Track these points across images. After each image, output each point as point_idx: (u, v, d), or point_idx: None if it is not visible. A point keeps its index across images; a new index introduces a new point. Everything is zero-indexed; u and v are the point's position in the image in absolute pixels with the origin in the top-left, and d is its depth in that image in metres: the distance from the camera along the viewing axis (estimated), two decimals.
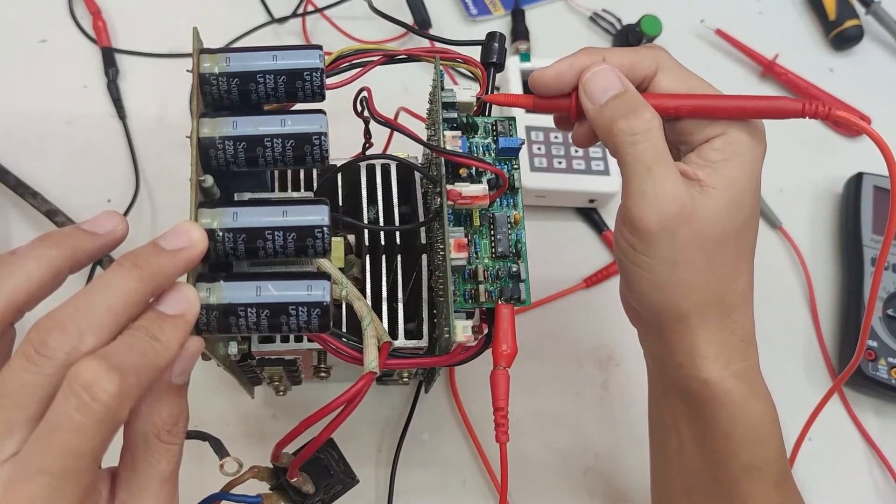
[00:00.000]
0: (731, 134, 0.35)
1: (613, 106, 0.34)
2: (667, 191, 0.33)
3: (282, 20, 0.68)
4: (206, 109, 0.33)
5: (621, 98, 0.34)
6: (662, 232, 0.33)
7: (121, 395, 0.24)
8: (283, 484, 0.36)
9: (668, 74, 0.35)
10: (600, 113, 0.35)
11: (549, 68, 0.36)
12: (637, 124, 0.34)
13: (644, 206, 0.33)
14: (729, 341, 0.36)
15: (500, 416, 0.35)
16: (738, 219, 0.35)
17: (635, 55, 0.35)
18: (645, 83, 0.36)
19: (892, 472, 0.57)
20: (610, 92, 0.35)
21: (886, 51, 0.78)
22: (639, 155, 0.34)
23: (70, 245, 0.28)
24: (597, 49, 0.36)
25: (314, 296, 0.30)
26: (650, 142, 0.34)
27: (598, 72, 0.35)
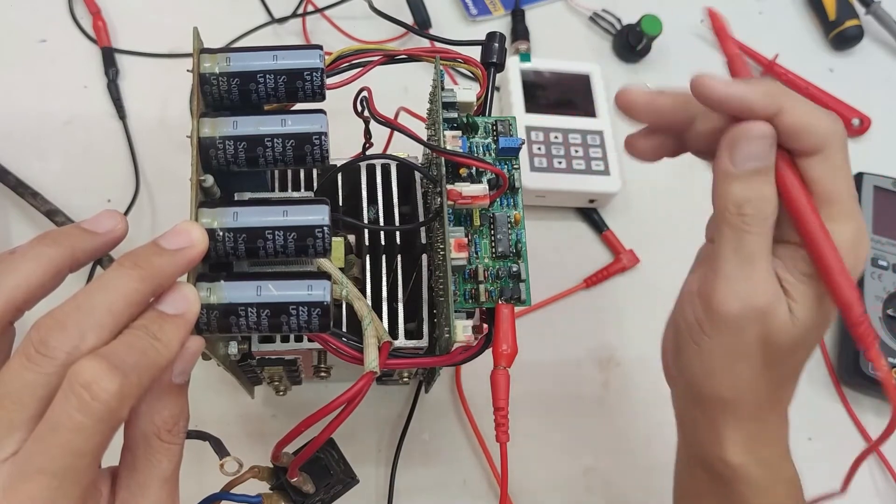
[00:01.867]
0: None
1: (747, 180, 0.31)
2: (758, 286, 0.31)
3: (282, 20, 0.68)
4: (207, 109, 0.33)
5: (759, 176, 0.31)
6: (737, 322, 0.32)
7: (121, 394, 0.24)
8: (283, 484, 0.36)
9: (825, 163, 0.31)
10: (731, 180, 0.32)
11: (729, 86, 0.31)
12: (758, 211, 0.31)
13: (730, 291, 0.32)
14: (758, 434, 0.35)
15: (500, 416, 0.35)
16: (809, 339, 0.33)
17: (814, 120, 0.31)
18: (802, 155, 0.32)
19: (892, 472, 0.57)
20: (753, 163, 0.31)
21: (886, 51, 0.78)
22: (745, 243, 0.32)
23: (69, 244, 0.28)
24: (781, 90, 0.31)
25: (314, 296, 0.30)
26: (762, 235, 0.32)
27: (757, 135, 0.31)
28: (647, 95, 0.34)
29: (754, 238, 0.31)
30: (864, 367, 0.58)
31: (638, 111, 0.35)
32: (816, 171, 0.31)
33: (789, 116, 0.30)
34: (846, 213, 0.32)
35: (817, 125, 0.31)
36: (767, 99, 0.30)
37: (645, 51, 0.71)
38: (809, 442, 0.58)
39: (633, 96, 0.35)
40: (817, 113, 0.31)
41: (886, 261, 0.62)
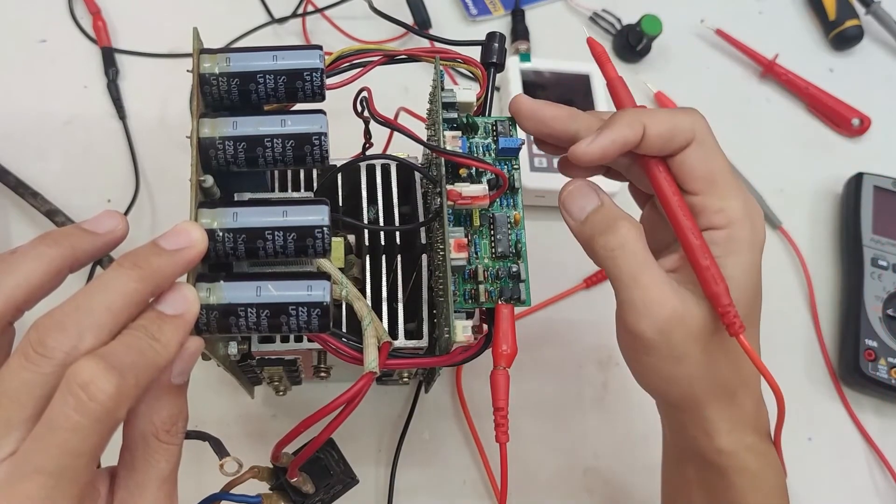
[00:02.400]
0: (734, 230, 0.35)
1: (591, 222, 0.36)
2: (654, 298, 0.34)
3: (282, 20, 0.68)
4: (206, 109, 0.33)
5: (598, 213, 0.36)
6: (657, 336, 0.34)
7: (119, 394, 0.24)
8: (283, 484, 0.36)
9: (697, 150, 0.35)
10: (581, 229, 0.36)
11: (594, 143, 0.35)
12: (613, 240, 0.34)
13: (635, 315, 0.34)
14: (740, 416, 0.37)
15: (499, 416, 0.35)
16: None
17: (675, 122, 0.35)
18: (677, 153, 0.35)
19: (892, 472, 0.57)
20: (588, 208, 0.36)
21: (886, 51, 0.78)
22: (621, 268, 0.34)
23: (70, 244, 0.28)
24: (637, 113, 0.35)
25: (314, 296, 0.30)
26: (629, 254, 0.34)
27: (575, 189, 0.36)
28: (533, 104, 0.37)
29: (623, 262, 0.34)
30: (864, 367, 0.58)
31: (523, 118, 0.37)
32: (692, 158, 0.35)
33: (654, 128, 0.34)
34: (729, 189, 0.35)
35: (679, 123, 0.35)
36: (633, 126, 0.34)
37: (645, 51, 0.71)
38: (809, 442, 0.58)
39: (519, 103, 0.37)
40: (676, 114, 0.35)
41: (886, 261, 0.62)
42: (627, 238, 0.34)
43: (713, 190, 0.35)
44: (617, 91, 0.37)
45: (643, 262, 0.34)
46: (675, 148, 0.35)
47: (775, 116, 0.73)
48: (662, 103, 0.70)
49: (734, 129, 0.70)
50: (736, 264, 0.35)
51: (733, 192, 0.35)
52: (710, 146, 0.35)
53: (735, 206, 0.35)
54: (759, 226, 0.36)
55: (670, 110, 0.36)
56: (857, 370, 0.58)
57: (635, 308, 0.34)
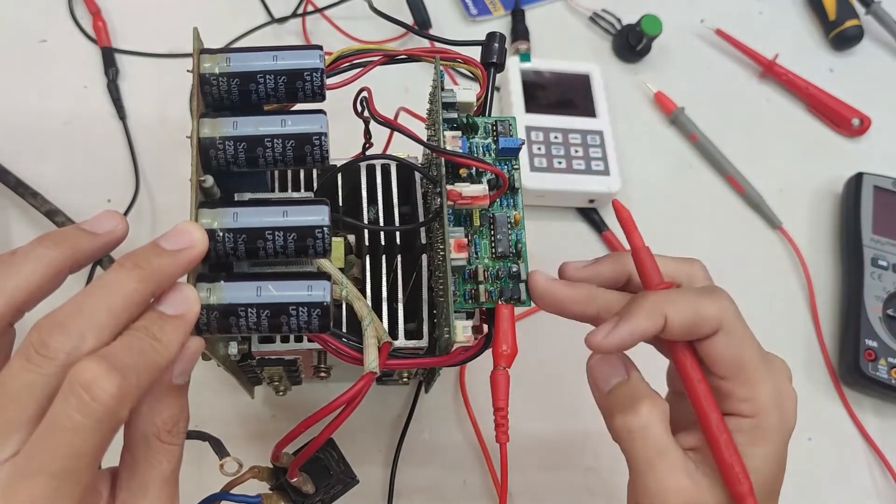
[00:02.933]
0: (761, 419, 0.34)
1: (614, 397, 0.35)
2: (669, 487, 0.33)
3: (282, 20, 0.68)
4: (207, 109, 0.33)
5: (623, 388, 0.35)
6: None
7: (121, 395, 0.24)
8: (283, 484, 0.36)
9: (724, 338, 0.33)
10: (603, 401, 0.36)
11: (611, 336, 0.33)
12: (634, 421, 0.33)
13: (648, 501, 0.33)
14: None
15: (500, 417, 0.35)
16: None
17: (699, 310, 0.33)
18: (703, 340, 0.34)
19: (892, 472, 0.57)
20: (613, 381, 0.35)
21: (886, 51, 0.78)
22: (637, 452, 0.33)
23: (70, 245, 0.28)
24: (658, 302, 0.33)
25: (314, 296, 0.30)
26: (649, 439, 0.33)
27: (602, 360, 0.36)
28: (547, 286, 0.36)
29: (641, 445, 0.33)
30: (864, 367, 0.58)
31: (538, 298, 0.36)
32: (720, 347, 0.33)
33: (677, 318, 0.33)
34: (759, 376, 0.34)
35: (704, 311, 0.33)
36: (653, 318, 0.33)
37: (645, 51, 0.71)
38: (809, 442, 0.58)
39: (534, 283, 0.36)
40: (702, 299, 0.33)
41: (886, 261, 0.62)
42: (649, 421, 0.33)
43: (741, 377, 0.34)
44: (643, 264, 0.35)
45: (662, 449, 0.33)
46: (700, 335, 0.34)
47: (775, 116, 0.73)
48: (662, 103, 0.70)
49: (734, 129, 0.70)
50: (761, 455, 0.33)
51: (762, 380, 0.34)
52: (738, 333, 0.34)
53: (764, 394, 0.34)
54: (790, 411, 0.35)
55: (696, 294, 0.34)
56: (857, 370, 0.58)
57: (648, 492, 0.33)
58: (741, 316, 0.34)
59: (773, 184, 0.68)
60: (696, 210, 0.66)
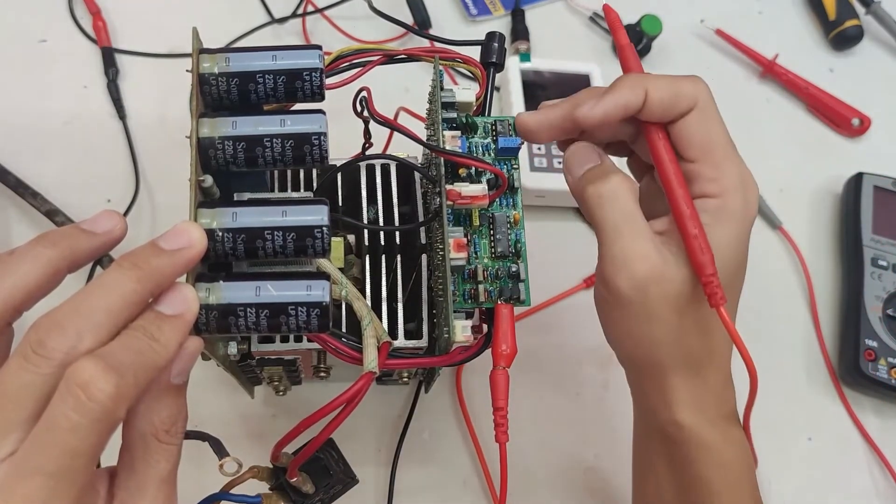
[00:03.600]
0: (726, 199, 0.35)
1: (587, 176, 0.36)
2: (635, 253, 0.34)
3: (282, 20, 0.68)
4: (206, 109, 0.33)
5: (596, 168, 0.36)
6: (632, 291, 0.34)
7: (118, 394, 0.24)
8: (282, 484, 0.36)
9: (697, 116, 0.35)
10: (576, 183, 0.37)
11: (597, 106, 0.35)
12: (603, 188, 0.35)
13: (613, 268, 0.34)
14: (702, 390, 0.37)
15: (499, 416, 0.35)
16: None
17: (677, 88, 0.35)
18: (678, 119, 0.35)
19: (892, 472, 0.57)
20: (587, 165, 0.36)
21: (886, 51, 0.78)
22: (606, 217, 0.35)
23: (68, 244, 0.28)
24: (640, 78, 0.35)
25: (314, 296, 0.30)
26: (617, 204, 0.35)
27: (578, 149, 0.37)
28: (538, 116, 0.37)
29: (610, 210, 0.35)
30: (864, 367, 0.58)
31: (534, 132, 0.37)
32: (691, 124, 0.35)
33: (656, 92, 0.35)
34: (725, 158, 0.35)
35: (682, 89, 0.35)
36: (635, 90, 0.35)
37: (645, 51, 0.71)
38: (809, 442, 0.58)
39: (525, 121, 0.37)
40: (679, 79, 0.35)
41: (886, 261, 0.62)
42: (618, 189, 0.35)
43: (709, 158, 0.35)
44: (626, 57, 0.37)
45: (629, 215, 0.35)
46: (677, 114, 0.35)
47: (775, 116, 0.73)
48: None
49: (734, 129, 0.70)
50: (724, 235, 0.35)
51: (729, 162, 0.35)
52: (710, 113, 0.35)
53: (730, 175, 0.35)
54: (752, 198, 0.36)
55: (673, 76, 0.36)
56: (857, 370, 0.58)
57: (615, 260, 0.34)
58: (715, 101, 0.36)
59: (773, 184, 0.68)
60: None
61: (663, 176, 0.35)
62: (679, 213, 0.34)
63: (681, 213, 0.34)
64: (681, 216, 0.34)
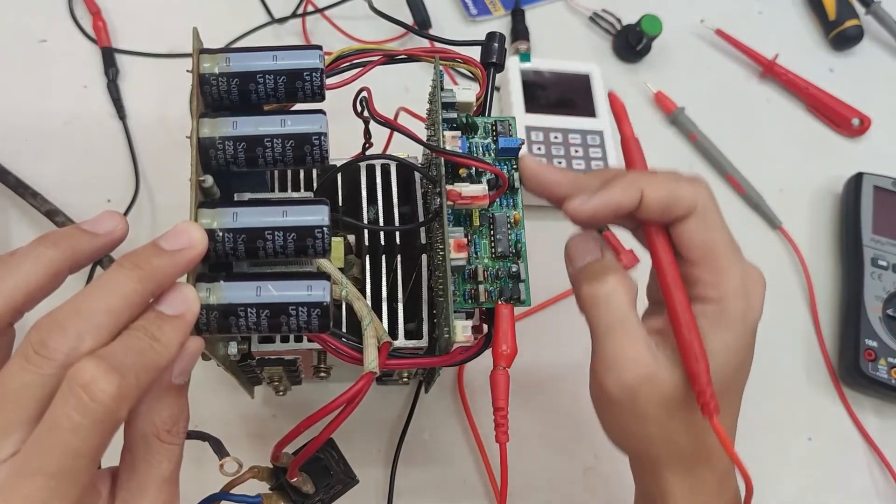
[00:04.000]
0: (726, 304, 0.34)
1: (586, 270, 0.36)
2: (625, 356, 0.34)
3: (282, 20, 0.68)
4: (206, 109, 0.33)
5: (595, 264, 0.36)
6: (622, 393, 0.34)
7: (119, 395, 0.24)
8: (283, 484, 0.36)
9: (697, 222, 0.34)
10: (574, 275, 0.36)
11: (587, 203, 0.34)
12: (599, 288, 0.35)
13: (603, 368, 0.34)
14: (698, 487, 0.36)
15: (500, 416, 0.35)
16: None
17: (675, 191, 0.34)
18: (677, 222, 0.35)
19: (892, 472, 0.57)
20: (588, 257, 0.36)
21: (886, 51, 0.78)
22: (599, 319, 0.34)
23: (69, 245, 0.28)
24: (637, 178, 0.34)
25: (314, 296, 0.30)
26: (610, 307, 0.34)
27: (581, 239, 0.37)
28: (536, 167, 0.37)
29: (603, 313, 0.34)
30: (864, 367, 0.58)
31: (526, 178, 0.37)
32: (692, 230, 0.34)
33: (652, 195, 0.34)
34: (727, 262, 0.34)
35: (680, 192, 0.34)
36: (629, 191, 0.34)
37: (645, 51, 0.71)
38: (809, 442, 0.58)
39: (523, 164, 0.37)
40: (679, 181, 0.34)
41: (886, 261, 0.62)
42: (613, 293, 0.34)
43: (710, 263, 0.34)
44: (630, 151, 0.37)
45: (623, 317, 0.34)
46: (674, 217, 0.34)
47: (775, 116, 0.73)
48: (662, 103, 0.70)
49: (734, 129, 0.70)
50: (721, 339, 0.34)
51: (731, 267, 0.34)
52: (711, 219, 0.34)
53: (731, 280, 0.34)
54: (756, 301, 0.35)
55: (673, 176, 0.35)
56: (857, 370, 0.58)
57: (605, 362, 0.34)
58: (717, 204, 0.35)
59: (773, 184, 0.68)
60: None
61: (661, 279, 0.35)
62: (675, 320, 0.34)
63: (677, 319, 0.34)
64: (677, 322, 0.34)
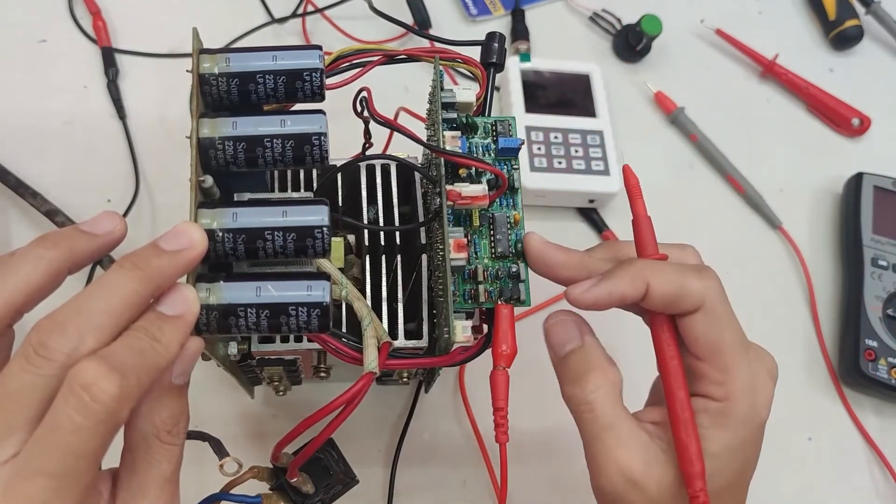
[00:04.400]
0: (730, 405, 0.33)
1: (566, 364, 0.35)
2: (614, 462, 0.33)
3: (282, 20, 0.68)
4: (206, 110, 0.33)
5: (575, 356, 0.35)
6: (613, 496, 0.33)
7: (120, 395, 0.24)
8: (283, 484, 0.36)
9: (704, 318, 0.33)
10: (557, 367, 0.36)
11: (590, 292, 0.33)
12: (580, 394, 0.34)
13: (595, 470, 0.34)
14: None
15: (499, 417, 0.35)
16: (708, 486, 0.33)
17: (682, 285, 0.33)
18: (684, 316, 0.33)
19: (892, 472, 0.57)
20: (568, 346, 0.35)
21: (886, 51, 0.78)
22: (585, 425, 0.34)
23: (68, 246, 0.28)
24: (644, 269, 0.33)
25: (314, 296, 0.30)
26: (595, 412, 0.34)
27: (559, 322, 0.36)
28: (541, 247, 0.36)
29: (589, 418, 0.34)
30: (864, 367, 0.58)
31: (531, 259, 0.36)
32: (699, 326, 0.33)
33: (658, 288, 0.33)
34: (735, 363, 0.33)
35: (688, 286, 0.33)
36: (635, 283, 0.33)
37: (645, 51, 0.71)
38: (809, 442, 0.58)
39: (528, 244, 0.36)
40: (687, 275, 0.33)
41: (886, 261, 0.62)
42: (595, 395, 0.34)
43: (716, 361, 0.33)
44: (641, 232, 0.35)
45: (609, 422, 0.33)
46: (681, 311, 0.33)
47: (775, 116, 0.73)
48: (662, 103, 0.70)
49: (734, 129, 0.70)
50: (721, 440, 0.33)
51: (738, 366, 0.33)
52: (719, 315, 0.33)
53: (738, 381, 0.33)
54: (762, 402, 0.34)
55: (681, 269, 0.33)
56: (857, 370, 0.58)
57: (596, 465, 0.34)
58: (726, 299, 0.34)
59: (773, 184, 0.68)
60: (696, 210, 0.66)
61: (662, 373, 0.34)
62: (674, 418, 0.33)
63: (676, 417, 0.33)
64: (675, 421, 0.33)
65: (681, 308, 0.33)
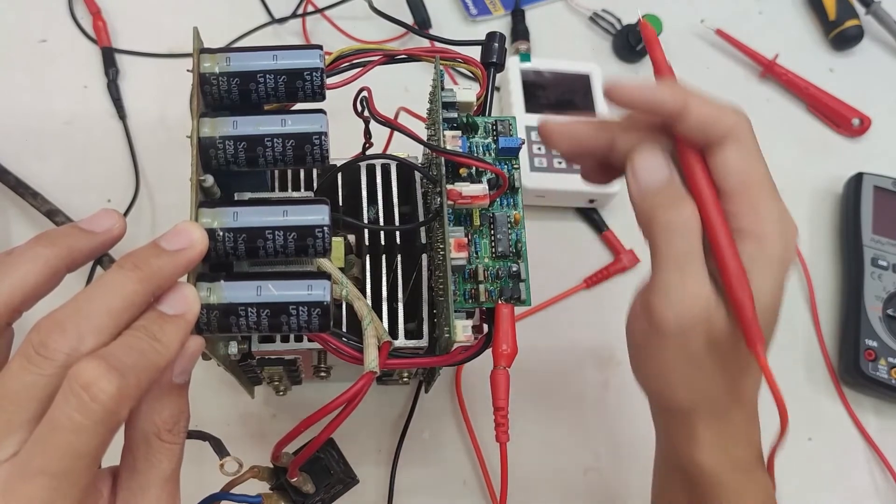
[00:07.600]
0: (765, 245, 0.32)
1: (657, 193, 0.33)
2: (691, 292, 0.32)
3: (282, 20, 0.68)
4: (207, 109, 0.33)
5: (668, 188, 0.33)
6: (678, 330, 0.32)
7: (120, 395, 0.24)
8: (283, 484, 0.36)
9: (735, 149, 0.32)
10: (643, 197, 0.33)
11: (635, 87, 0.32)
12: (677, 219, 0.32)
13: (665, 302, 0.32)
14: (727, 432, 0.35)
15: (500, 416, 0.35)
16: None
17: (719, 111, 0.32)
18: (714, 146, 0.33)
19: (892, 472, 0.57)
20: (656, 177, 0.33)
21: (886, 51, 0.78)
22: (672, 250, 0.32)
23: (66, 244, 0.28)
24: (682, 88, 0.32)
25: (314, 295, 0.30)
26: (685, 239, 0.32)
27: (649, 153, 0.34)
28: (564, 124, 0.35)
29: (678, 244, 0.32)
30: (864, 367, 0.58)
31: (556, 139, 0.35)
32: (730, 158, 0.32)
33: (696, 109, 0.32)
34: (766, 199, 0.33)
35: (722, 116, 0.32)
36: (675, 96, 0.32)
37: (645, 51, 0.71)
38: (809, 442, 0.58)
39: (549, 125, 0.35)
40: (721, 106, 0.33)
41: (886, 261, 0.62)
42: (689, 222, 0.32)
43: (748, 197, 0.32)
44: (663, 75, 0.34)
45: (695, 252, 0.32)
46: (713, 139, 0.32)
47: (775, 116, 0.73)
48: None
49: None
50: (762, 281, 0.32)
51: (769, 203, 0.33)
52: (751, 148, 0.33)
53: (769, 218, 0.32)
54: (792, 244, 0.33)
55: (717, 101, 0.33)
56: (857, 370, 0.58)
57: (668, 296, 0.32)
58: (756, 137, 0.33)
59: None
60: None
61: (702, 206, 0.33)
62: (718, 248, 0.32)
63: (720, 247, 0.32)
64: (720, 252, 0.32)
65: (714, 134, 0.32)
